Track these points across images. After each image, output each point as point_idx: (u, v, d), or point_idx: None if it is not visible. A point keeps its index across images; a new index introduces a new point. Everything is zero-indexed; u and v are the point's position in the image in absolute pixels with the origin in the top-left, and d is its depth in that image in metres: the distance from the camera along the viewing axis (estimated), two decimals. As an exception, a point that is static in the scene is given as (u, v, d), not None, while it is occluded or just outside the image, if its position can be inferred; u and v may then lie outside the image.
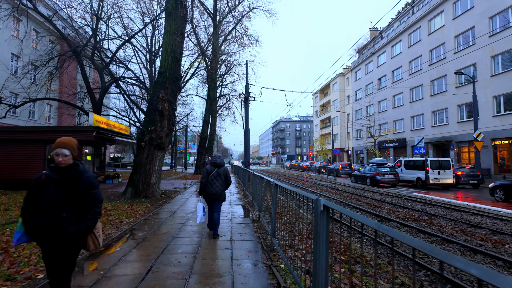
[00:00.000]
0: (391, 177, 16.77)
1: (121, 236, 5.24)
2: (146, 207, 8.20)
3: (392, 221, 7.91)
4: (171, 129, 10.43)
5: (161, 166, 10.29)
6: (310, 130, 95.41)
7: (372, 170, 17.52)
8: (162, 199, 9.71)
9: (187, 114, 37.62)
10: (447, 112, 26.25)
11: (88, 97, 19.74)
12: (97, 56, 23.29)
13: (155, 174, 9.92)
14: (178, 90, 10.81)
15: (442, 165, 15.79)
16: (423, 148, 24.13)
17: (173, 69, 10.48)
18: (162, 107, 10.08)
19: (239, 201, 9.91)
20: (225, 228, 5.87)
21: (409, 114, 31.59)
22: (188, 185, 15.34)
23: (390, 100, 35.05)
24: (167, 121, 10.25)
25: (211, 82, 25.41)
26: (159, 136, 9.97)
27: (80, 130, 12.78)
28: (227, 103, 32.29)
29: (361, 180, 18.75)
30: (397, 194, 13.75)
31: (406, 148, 32.09)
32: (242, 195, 11.35)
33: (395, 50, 34.51)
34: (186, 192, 12.20)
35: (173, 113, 10.52)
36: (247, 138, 17.57)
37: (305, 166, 37.63)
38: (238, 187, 14.42)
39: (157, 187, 10.07)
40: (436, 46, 27.55)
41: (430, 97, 28.28)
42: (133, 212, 7.32)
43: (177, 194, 11.26)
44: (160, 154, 10.14)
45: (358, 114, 43.01)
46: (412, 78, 30.72)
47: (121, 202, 8.94)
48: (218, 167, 5.30)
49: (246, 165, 17.40)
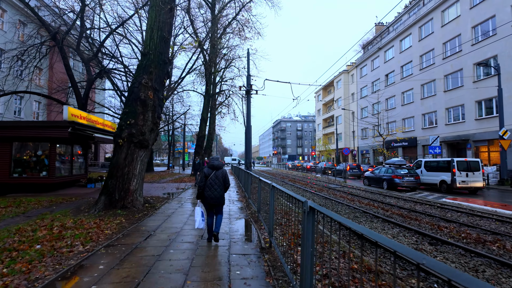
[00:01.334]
0: (411, 180, 14.85)
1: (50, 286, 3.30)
2: (118, 223, 6.27)
3: (446, 244, 5.96)
4: (156, 123, 8.50)
5: (144, 168, 8.36)
6: (312, 129, 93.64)
7: (389, 172, 15.60)
8: (143, 210, 7.77)
9: (184, 112, 35.73)
10: (463, 109, 24.34)
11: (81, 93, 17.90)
12: (84, 47, 21.40)
13: (135, 178, 7.98)
14: (166, 76, 8.88)
15: (470, 166, 13.88)
16: (438, 147, 22.23)
17: (160, 50, 8.55)
18: (145, 96, 8.15)
19: (241, 212, 7.97)
20: (221, 266, 3.93)
21: (420, 112, 29.69)
22: (181, 189, 13.40)
23: (398, 97, 33.16)
24: (152, 113, 8.32)
25: (209, 76, 23.50)
26: (141, 131, 8.04)
27: (52, 126, 10.85)
28: (227, 100, 30.36)
29: (376, 182, 16.84)
30: (424, 200, 11.84)
31: (417, 148, 30.19)
32: (244, 203, 9.42)
33: (404, 44, 32.61)
34: (177, 198, 10.26)
35: (159, 103, 8.58)
36: (248, 135, 15.64)
37: (308, 167, 35.68)
38: (239, 192, 12.50)
39: (139, 194, 8.13)
40: (451, 38, 25.65)
41: (443, 93, 26.38)
42: (96, 233, 5.38)
43: (165, 202, 9.32)
44: (143, 154, 8.20)
45: (364, 112, 41.11)
46: (424, 73, 28.82)
47: (90, 215, 7.01)
48: (216, 169, 5.07)
49: (248, 166, 15.48)
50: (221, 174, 5.03)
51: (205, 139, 25.96)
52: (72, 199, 9.71)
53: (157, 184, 15.83)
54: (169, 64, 9.13)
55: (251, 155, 15.90)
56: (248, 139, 15.79)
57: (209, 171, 5.02)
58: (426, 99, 28.86)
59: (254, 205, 8.33)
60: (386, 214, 8.93)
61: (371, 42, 42.25)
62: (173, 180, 19.09)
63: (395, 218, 8.33)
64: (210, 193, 4.89)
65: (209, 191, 4.89)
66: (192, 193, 11.69)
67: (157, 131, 8.61)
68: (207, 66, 22.66)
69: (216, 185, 4.93)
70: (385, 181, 15.59)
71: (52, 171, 11.07)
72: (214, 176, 4.97)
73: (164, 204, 8.84)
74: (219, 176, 4.99)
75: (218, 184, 4.94)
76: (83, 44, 20.56)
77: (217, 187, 4.93)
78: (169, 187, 14.44)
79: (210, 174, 4.98)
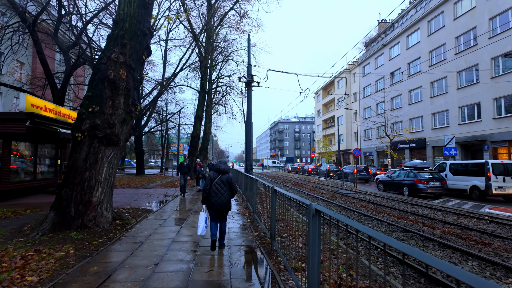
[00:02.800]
0: (437, 185, 12.88)
1: None
2: (61, 257, 4.12)
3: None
4: (130, 113, 6.35)
5: (113, 173, 6.22)
6: (310, 131, 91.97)
7: (411, 176, 13.61)
8: (110, 231, 5.60)
9: (179, 110, 33.45)
10: (479, 107, 22.56)
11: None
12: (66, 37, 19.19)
13: (100, 187, 5.82)
14: (145, 52, 6.76)
15: (508, 170, 11.96)
16: (454, 149, 20.34)
17: (137, 17, 6.44)
18: (116, 75, 6.02)
19: (244, 235, 5.84)
20: None
21: (429, 111, 27.89)
22: (169, 196, 11.23)
23: (405, 95, 31.39)
24: (124, 99, 6.18)
25: (205, 70, 21.38)
26: (108, 122, 5.90)
27: (5, 119, 8.62)
28: (224, 96, 28.23)
29: (393, 188, 14.84)
30: (464, 211, 9.85)
31: (426, 149, 28.35)
32: (248, 218, 7.30)
33: (412, 40, 30.89)
34: (160, 211, 8.09)
35: (135, 86, 6.45)
36: (248, 133, 13.55)
37: (310, 170, 33.64)
38: (239, 201, 10.38)
39: (105, 208, 5.96)
40: (465, 32, 23.93)
41: (456, 90, 24.61)
42: (14, 280, 3.23)
43: (144, 217, 7.14)
44: (111, 154, 6.05)
45: (367, 112, 39.31)
46: (433, 70, 27.06)
47: (26, 241, 4.85)
48: (222, 173, 4.79)
49: (248, 169, 13.38)
50: (227, 179, 4.78)
51: (200, 139, 23.79)
52: (24, 212, 7.50)
53: (143, 190, 13.62)
54: (150, 37, 7.00)
55: (251, 156, 13.81)
56: (249, 138, 13.70)
57: (215, 175, 4.77)
58: (436, 97, 27.07)
59: (261, 220, 6.23)
60: (436, 234, 6.89)
61: (375, 39, 40.58)
62: (163, 185, 16.89)
63: (453, 241, 6.29)
64: (217, 198, 4.65)
65: (215, 197, 4.66)
66: (180, 202, 9.49)
67: (131, 123, 6.47)
68: (202, 59, 20.56)
69: (222, 190, 4.70)
70: (406, 187, 13.60)
71: (6, 175, 8.83)
72: (220, 181, 4.74)
73: (141, 221, 6.66)
74: (225, 180, 4.76)
75: (224, 189, 4.72)
76: (62, 32, 18.35)
77: (224, 192, 4.70)
78: (156, 193, 12.25)
79: (215, 179, 4.74)
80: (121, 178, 21.72)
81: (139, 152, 28.14)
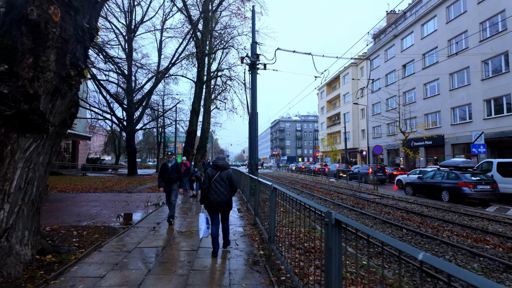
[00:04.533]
0: (487, 189, 10.45)
1: None
2: None
3: None
4: (69, 79, 3.87)
5: (40, 178, 3.75)
6: (312, 130, 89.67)
7: (452, 178, 11.19)
8: (19, 282, 3.15)
9: (175, 104, 30.98)
10: (509, 99, 20.14)
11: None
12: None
13: (8, 202, 3.37)
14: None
15: None
16: (483, 146, 17.92)
17: None
18: (42, 15, 3.57)
19: (254, 276, 3.41)
20: None
21: (448, 105, 25.46)
22: (153, 205, 8.79)
23: (419, 89, 28.98)
24: (57, 55, 3.73)
25: (202, 57, 18.92)
26: (26, 92, 3.45)
27: None
28: (224, 91, 25.76)
29: (426, 191, 12.41)
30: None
31: (444, 147, 25.93)
32: (259, 247, 4.86)
33: (427, 29, 28.44)
34: (131, 231, 5.63)
35: (79, 38, 3.99)
36: (253, 126, 11.12)
37: (316, 169, 31.17)
38: (244, 212, 7.95)
39: (19, 240, 3.49)
40: (490, 17, 21.50)
41: (481, 81, 22.19)
42: None
43: (99, 245, 4.63)
44: (31, 146, 3.59)
45: (376, 108, 36.90)
46: (453, 60, 24.62)
47: None
48: (221, 170, 4.49)
49: (252, 170, 10.96)
50: (227, 175, 4.46)
51: (197, 135, 21.35)
52: None
53: (124, 196, 11.17)
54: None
55: (256, 153, 11.36)
56: (253, 131, 11.25)
57: (213, 172, 4.48)
58: (456, 90, 24.64)
59: (282, 255, 3.76)
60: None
61: (384, 30, 38.13)
62: (152, 188, 14.46)
63: None
64: (216, 197, 4.33)
65: (215, 195, 4.33)
66: (164, 218, 6.96)
67: (71, 96, 4.00)
68: (198, 44, 18.11)
69: (222, 187, 4.38)
70: (446, 190, 11.17)
71: None
72: (219, 178, 4.43)
73: (88, 255, 4.15)
74: (224, 177, 4.44)
75: (224, 186, 4.40)
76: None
77: (223, 190, 4.38)
78: (138, 200, 9.81)
79: (214, 176, 4.43)
80: (108, 180, 19.32)
81: (131, 151, 25.71)
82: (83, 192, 12.05)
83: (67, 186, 14.15)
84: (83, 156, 35.43)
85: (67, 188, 13.35)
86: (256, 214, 6.18)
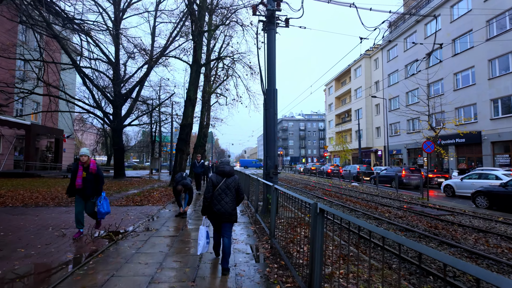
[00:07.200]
0: None
1: None
2: None
3: None
4: None
5: None
6: (316, 129, 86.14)
7: None
8: None
9: (170, 95, 27.28)
10: None
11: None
12: None
13: None
14: None
15: None
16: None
17: None
18: None
19: None
20: None
21: (486, 97, 21.88)
22: (100, 235, 5.21)
23: (449, 79, 25.40)
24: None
25: (199, 35, 15.34)
26: None
27: None
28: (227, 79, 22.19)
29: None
30: None
31: (482, 146, 22.32)
32: None
33: (457, 10, 24.88)
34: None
35: None
36: (271, 108, 7.53)
37: (329, 171, 27.52)
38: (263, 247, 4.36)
39: None
40: (545, -12, 17.94)
41: (532, 66, 18.61)
42: None
43: None
44: None
45: (393, 103, 33.31)
46: (492, 44, 21.08)
47: None
48: (227, 176, 3.94)
49: (270, 174, 7.37)
50: (234, 183, 3.95)
51: (192, 130, 17.76)
52: None
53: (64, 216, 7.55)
54: None
55: (275, 149, 7.76)
56: (271, 116, 7.64)
57: (218, 179, 3.92)
58: (497, 78, 21.07)
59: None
60: None
61: (403, 17, 34.50)
62: (131, 197, 10.84)
63: None
64: (220, 206, 3.82)
65: (218, 205, 3.84)
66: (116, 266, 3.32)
67: None
68: (194, 19, 14.56)
69: (227, 197, 3.88)
70: None
71: None
72: (225, 186, 3.89)
73: None
74: (231, 185, 3.92)
75: (229, 195, 3.89)
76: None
77: (228, 199, 3.87)
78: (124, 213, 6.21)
79: (219, 183, 3.89)
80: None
81: (118, 150, 22.09)
82: (13, 206, 8.39)
83: (16, 194, 10.52)
84: (70, 156, 31.75)
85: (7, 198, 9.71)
86: (272, 238, 2.62)
